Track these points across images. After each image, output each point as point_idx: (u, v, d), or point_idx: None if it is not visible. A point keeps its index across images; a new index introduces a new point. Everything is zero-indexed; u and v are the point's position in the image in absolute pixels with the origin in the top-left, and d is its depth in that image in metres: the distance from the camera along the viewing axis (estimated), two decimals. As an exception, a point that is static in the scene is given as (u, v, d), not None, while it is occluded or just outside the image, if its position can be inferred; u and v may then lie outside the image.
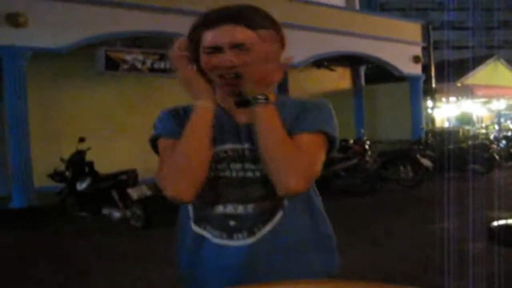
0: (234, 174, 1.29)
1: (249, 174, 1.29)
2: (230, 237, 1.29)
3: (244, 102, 1.22)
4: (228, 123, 1.32)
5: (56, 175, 7.76)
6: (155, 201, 7.14)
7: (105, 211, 7.14)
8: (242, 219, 1.28)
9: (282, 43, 1.26)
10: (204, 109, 1.23)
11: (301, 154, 1.19)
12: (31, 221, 7.80)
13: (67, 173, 7.61)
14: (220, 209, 1.29)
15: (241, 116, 1.30)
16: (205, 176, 1.22)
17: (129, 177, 7.21)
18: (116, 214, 7.00)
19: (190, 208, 1.34)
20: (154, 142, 1.34)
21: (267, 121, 1.19)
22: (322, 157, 1.26)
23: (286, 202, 1.29)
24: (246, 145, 1.29)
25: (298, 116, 1.27)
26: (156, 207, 7.05)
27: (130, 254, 5.65)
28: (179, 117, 1.32)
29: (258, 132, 1.20)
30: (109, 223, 7.04)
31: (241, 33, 1.23)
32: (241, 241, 1.28)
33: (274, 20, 1.30)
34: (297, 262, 1.31)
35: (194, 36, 1.26)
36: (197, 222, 1.33)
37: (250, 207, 1.28)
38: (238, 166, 1.29)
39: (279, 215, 1.29)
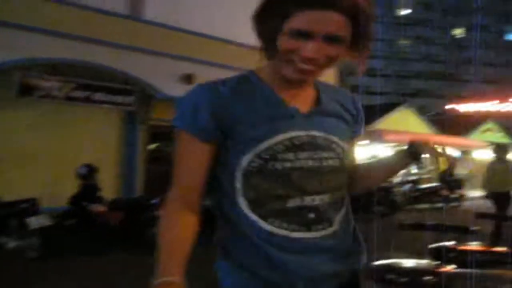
0: (305, 163, 1.20)
1: (324, 163, 1.22)
2: (309, 229, 1.20)
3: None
4: (281, 108, 1.22)
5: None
6: (56, 231, 7.05)
7: (1, 240, 6.86)
8: (320, 210, 1.21)
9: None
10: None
11: None
12: None
13: (-36, 200, 7.31)
14: (296, 202, 1.19)
15: (292, 102, 1.23)
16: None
17: (30, 206, 7.04)
18: (12, 244, 6.79)
19: (246, 208, 1.19)
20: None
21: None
22: None
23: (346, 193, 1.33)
24: (316, 133, 1.23)
25: (358, 119, 1.37)
26: (57, 237, 6.97)
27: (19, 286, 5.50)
28: (219, 107, 1.18)
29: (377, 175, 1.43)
30: (5, 252, 6.77)
31: (338, 24, 1.09)
32: (322, 232, 1.22)
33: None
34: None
35: (277, 7, 1.12)
36: (265, 219, 1.19)
37: (326, 197, 1.22)
38: (305, 155, 1.20)
39: (345, 204, 1.31)
